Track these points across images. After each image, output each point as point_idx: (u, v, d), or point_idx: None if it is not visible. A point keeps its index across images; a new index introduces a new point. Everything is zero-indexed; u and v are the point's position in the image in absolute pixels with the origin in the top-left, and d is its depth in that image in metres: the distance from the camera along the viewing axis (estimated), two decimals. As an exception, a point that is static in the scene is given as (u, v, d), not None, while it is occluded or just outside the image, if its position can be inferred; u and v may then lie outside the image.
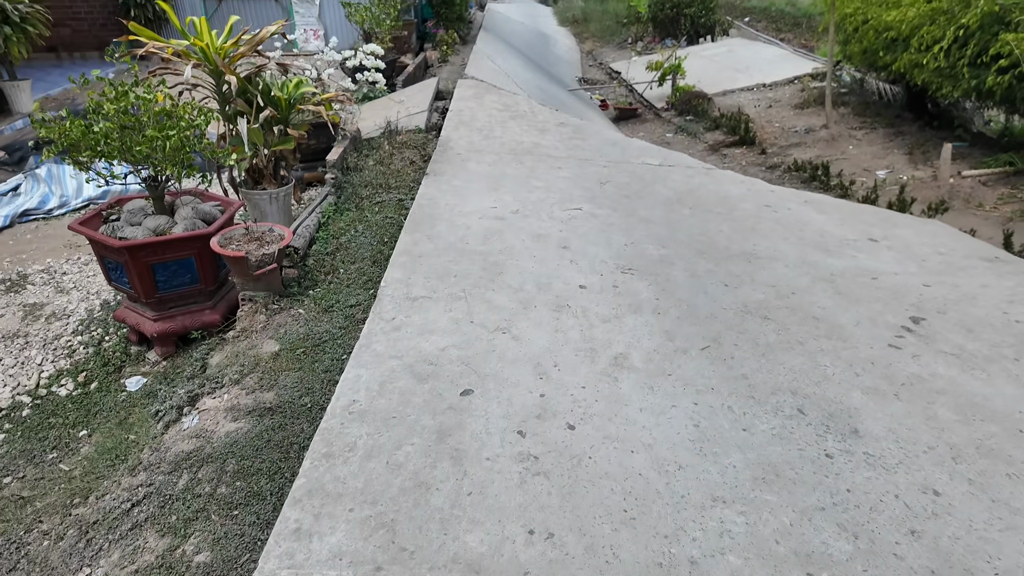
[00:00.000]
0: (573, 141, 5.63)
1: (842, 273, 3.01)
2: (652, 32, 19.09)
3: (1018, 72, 6.34)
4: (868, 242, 3.48)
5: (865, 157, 8.41)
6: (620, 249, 3.17)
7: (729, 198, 4.20)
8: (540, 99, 9.89)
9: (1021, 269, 3.21)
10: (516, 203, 3.82)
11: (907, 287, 2.90)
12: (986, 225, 6.05)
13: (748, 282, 2.84)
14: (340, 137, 5.15)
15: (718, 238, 3.40)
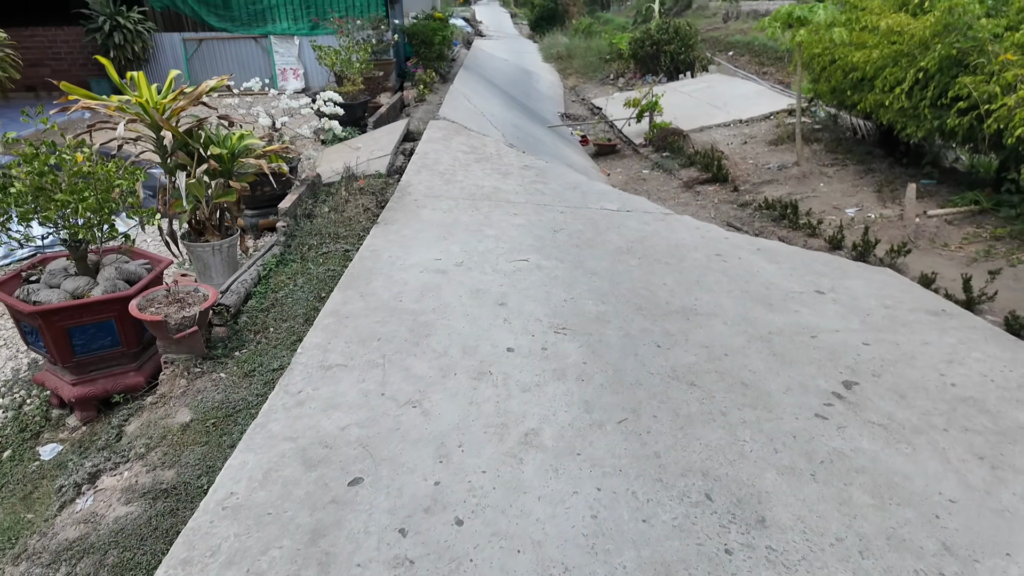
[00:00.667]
0: (535, 185, 5.62)
1: (781, 331, 2.95)
2: (633, 68, 19.43)
3: (977, 114, 6.42)
4: (814, 295, 3.43)
5: (835, 195, 8.45)
6: (559, 305, 3.11)
7: (681, 247, 4.16)
8: (516, 138, 9.96)
9: (966, 323, 3.16)
10: (463, 254, 3.76)
11: (846, 346, 2.83)
12: (950, 266, 6.04)
13: (682, 342, 2.77)
14: (297, 183, 5.11)
15: (660, 292, 3.35)
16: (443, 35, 12.81)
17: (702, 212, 8.75)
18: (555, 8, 31.83)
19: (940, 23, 6.64)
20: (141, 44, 10.96)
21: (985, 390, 2.48)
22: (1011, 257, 5.97)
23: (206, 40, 11.66)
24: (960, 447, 2.10)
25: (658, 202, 9.51)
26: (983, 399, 2.41)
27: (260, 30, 11.67)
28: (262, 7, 11.59)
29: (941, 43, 6.64)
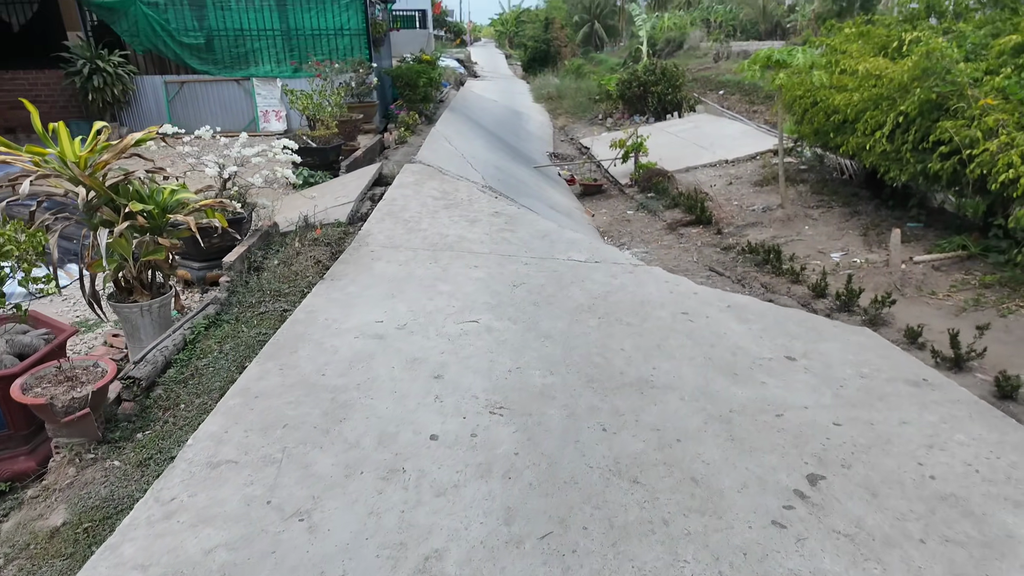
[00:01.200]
0: (502, 233, 5.39)
1: (744, 408, 2.67)
2: (621, 109, 19.54)
3: (960, 158, 6.25)
4: (784, 362, 3.16)
5: (820, 238, 8.25)
6: (501, 378, 2.82)
7: (646, 303, 3.90)
8: (496, 180, 9.81)
9: (949, 396, 2.88)
10: (408, 314, 3.50)
11: (814, 427, 2.55)
12: (938, 316, 5.78)
13: (631, 424, 2.48)
14: (248, 233, 4.88)
15: (616, 359, 3.07)
16: (428, 77, 12.81)
17: (685, 255, 8.53)
18: (547, 50, 32.38)
19: (918, 67, 6.53)
20: (121, 87, 10.89)
21: (969, 484, 2.19)
22: (1001, 306, 5.72)
23: (188, 83, 11.61)
24: (939, 566, 1.79)
25: (641, 244, 9.32)
26: (967, 496, 2.12)
27: (242, 72, 11.63)
28: (245, 50, 11.57)
29: (920, 87, 6.52)
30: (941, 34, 7.60)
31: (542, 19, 32.32)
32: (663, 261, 8.31)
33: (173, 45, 11.30)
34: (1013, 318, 5.54)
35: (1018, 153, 5.61)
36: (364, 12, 11.55)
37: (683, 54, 44.31)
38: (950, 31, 7.64)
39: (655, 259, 8.44)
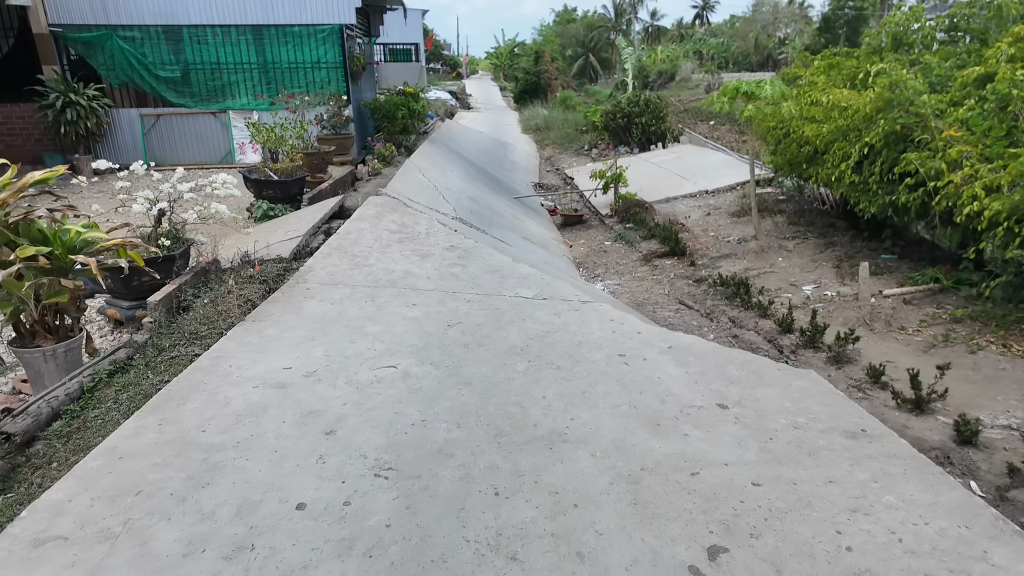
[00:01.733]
0: (453, 268, 5.22)
1: (658, 465, 2.45)
2: (607, 140, 19.63)
3: (926, 190, 6.14)
4: (715, 410, 2.95)
5: (794, 270, 8.10)
6: (401, 433, 2.62)
7: (584, 344, 3.71)
8: (468, 211, 9.71)
9: (886, 449, 2.67)
10: (323, 360, 3.30)
11: (730, 488, 2.33)
12: (906, 352, 5.59)
13: (529, 487, 2.27)
14: (182, 270, 4.70)
15: (535, 409, 2.86)
16: (408, 109, 12.82)
17: (657, 288, 8.37)
18: (537, 82, 32.78)
19: (881, 99, 6.46)
20: (95, 120, 10.87)
21: (888, 557, 1.97)
22: (971, 342, 5.53)
23: (164, 115, 11.60)
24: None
25: (615, 276, 9.17)
26: (883, 573, 1.90)
27: (219, 105, 11.64)
28: (222, 83, 11.59)
29: (884, 119, 6.44)
30: (908, 66, 7.57)
31: (520, 53, 32.78)
32: (634, 293, 8.15)
33: (149, 79, 11.32)
34: (983, 355, 5.34)
35: (981, 185, 5.48)
36: (341, 46, 11.60)
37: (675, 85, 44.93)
38: (917, 63, 7.61)
39: (626, 291, 8.28)
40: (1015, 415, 4.33)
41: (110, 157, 11.63)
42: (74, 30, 10.87)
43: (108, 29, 10.93)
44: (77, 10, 10.76)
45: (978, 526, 2.13)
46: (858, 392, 4.76)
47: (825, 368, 5.29)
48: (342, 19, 11.41)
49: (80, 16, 10.81)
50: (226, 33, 11.29)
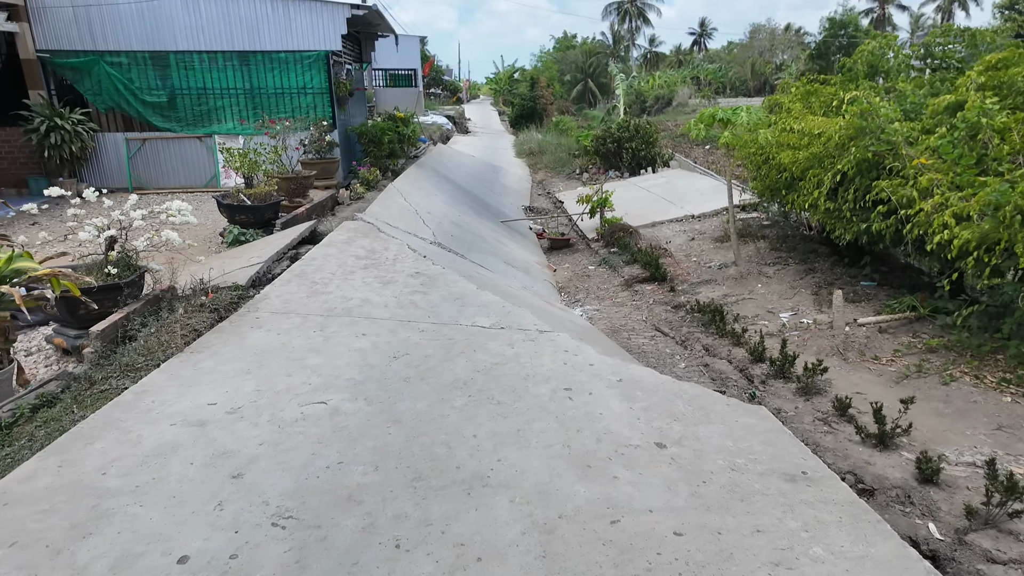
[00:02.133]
0: (413, 296, 5.13)
1: (577, 513, 2.33)
2: (598, 164, 19.70)
3: (898, 217, 6.06)
4: (652, 449, 2.83)
5: (772, 297, 7.99)
6: (313, 477, 2.50)
7: (531, 378, 3.60)
8: (449, 235, 9.65)
9: (824, 495, 2.54)
10: (252, 395, 3.19)
11: (650, 538, 2.21)
12: (878, 383, 5.46)
13: (435, 538, 2.15)
14: (133, 298, 4.62)
15: (461, 450, 2.75)
16: (394, 134, 12.86)
17: (635, 314, 8.27)
18: (533, 107, 33.10)
19: (851, 126, 6.43)
20: (80, 144, 10.90)
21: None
22: (944, 373, 5.40)
23: (150, 140, 11.64)
24: None
25: (595, 301, 9.06)
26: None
27: (204, 130, 11.69)
28: (208, 108, 11.66)
29: (855, 146, 6.40)
30: (882, 93, 7.57)
31: (520, 78, 33.21)
32: (612, 319, 8.05)
33: (136, 103, 11.38)
34: (956, 386, 5.21)
35: (951, 213, 5.41)
36: (327, 72, 11.68)
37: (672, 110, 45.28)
38: (892, 90, 7.61)
39: (605, 317, 8.18)
40: (981, 451, 4.18)
41: (95, 181, 11.66)
42: (62, 56, 10.96)
43: (95, 55, 11.02)
44: (65, 36, 10.87)
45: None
46: (824, 426, 4.63)
47: (794, 399, 5.16)
48: (328, 45, 11.51)
49: (68, 42, 10.90)
50: (213, 59, 11.38)
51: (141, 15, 10.87)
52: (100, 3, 10.75)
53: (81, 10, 10.71)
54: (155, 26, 10.96)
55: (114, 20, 10.84)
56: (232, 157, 7.76)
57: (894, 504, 3.64)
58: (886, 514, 3.53)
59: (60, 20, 10.72)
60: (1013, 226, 4.89)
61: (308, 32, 11.36)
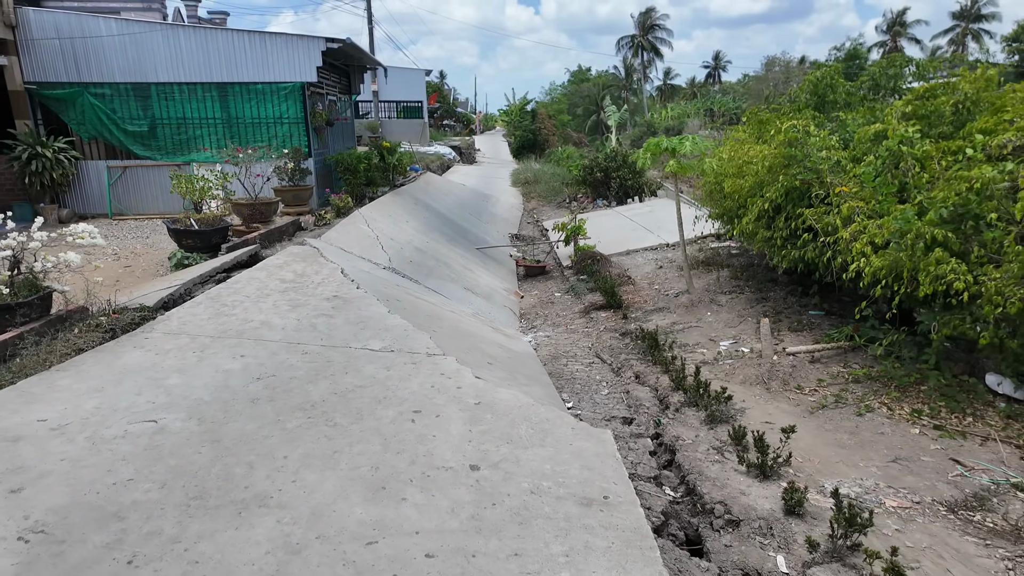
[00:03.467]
0: (316, 319, 5.17)
1: (339, 534, 2.29)
2: (587, 193, 19.81)
3: (821, 245, 6.00)
4: (463, 472, 2.79)
5: (718, 325, 7.89)
6: (93, 493, 2.50)
7: (386, 400, 3.58)
8: (408, 261, 9.73)
9: (608, 521, 2.47)
10: (88, 412, 3.23)
11: (394, 560, 2.16)
12: (792, 413, 5.33)
13: (174, 556, 2.12)
14: (33, 318, 4.71)
15: (260, 471, 2.74)
16: (369, 163, 13.10)
17: (583, 340, 8.22)
18: (534, 138, 33.51)
19: (779, 154, 6.41)
20: (61, 171, 11.27)
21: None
22: (861, 404, 5.27)
23: (131, 167, 11.99)
24: None
25: (550, 327, 9.03)
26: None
27: (183, 158, 12.01)
28: (187, 137, 12.00)
29: (783, 174, 6.38)
30: (824, 122, 7.56)
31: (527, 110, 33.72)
32: (557, 346, 8.00)
33: (118, 133, 11.76)
34: (869, 417, 5.07)
35: (866, 241, 5.33)
36: (302, 102, 11.99)
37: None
38: (834, 119, 7.60)
39: (552, 343, 8.13)
40: (864, 483, 4.04)
41: (77, 206, 12.02)
42: (48, 87, 11.42)
43: (80, 86, 11.45)
44: (51, 68, 11.33)
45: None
46: (716, 455, 4.51)
47: (699, 427, 5.06)
48: (304, 77, 11.84)
49: (54, 74, 11.36)
50: (192, 90, 11.76)
51: (124, 48, 11.31)
52: (85, 36, 11.22)
53: (67, 43, 11.18)
54: (137, 58, 11.39)
55: (98, 53, 11.28)
56: (179, 183, 7.96)
57: (755, 536, 3.52)
58: (745, 545, 3.43)
59: (47, 53, 11.19)
60: (916, 254, 4.81)
61: (284, 64, 11.70)
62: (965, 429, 4.73)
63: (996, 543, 3.30)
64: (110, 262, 8.24)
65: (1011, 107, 5.67)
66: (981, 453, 4.40)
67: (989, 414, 4.92)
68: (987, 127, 5.47)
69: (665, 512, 3.84)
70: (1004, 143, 4.93)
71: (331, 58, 13.37)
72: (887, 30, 59.57)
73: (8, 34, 10.97)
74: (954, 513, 3.64)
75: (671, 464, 4.67)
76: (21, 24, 11.04)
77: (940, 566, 3.13)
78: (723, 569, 3.29)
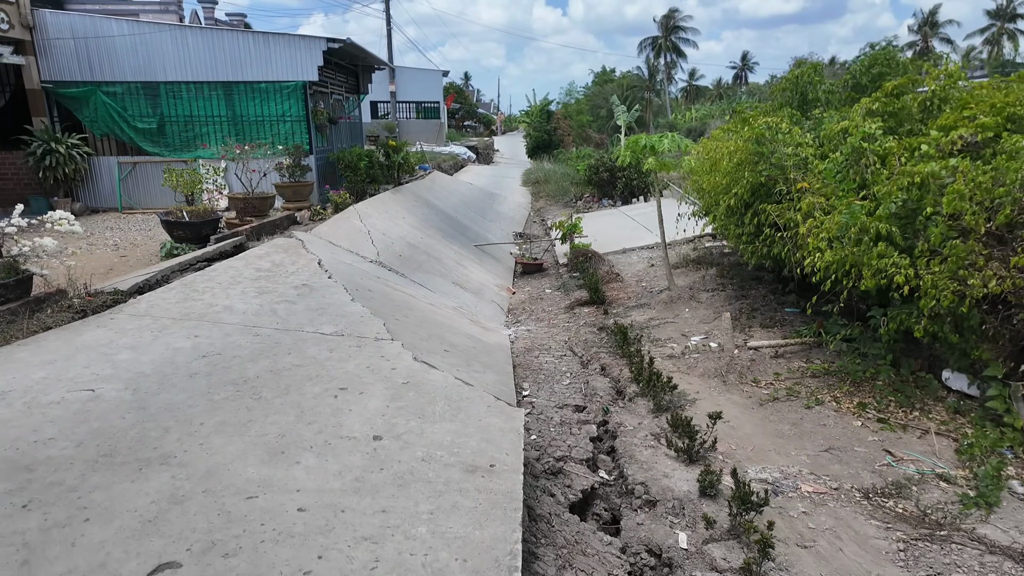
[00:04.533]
0: (278, 305, 5.39)
1: (224, 489, 2.47)
2: (593, 193, 19.86)
3: (782, 239, 6.03)
4: (365, 441, 2.95)
5: (694, 321, 7.94)
6: (12, 449, 2.73)
7: (317, 378, 3.77)
8: (397, 255, 9.95)
9: (484, 485, 2.60)
10: (34, 381, 3.47)
11: (267, 512, 2.32)
12: (742, 405, 5.39)
13: (65, 502, 2.33)
14: (11, 299, 5.02)
15: (173, 435, 2.93)
16: (374, 160, 13.38)
17: (561, 334, 8.34)
18: (549, 139, 33.61)
19: (745, 151, 6.46)
20: (73, 166, 11.76)
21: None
22: (812, 398, 5.31)
23: (140, 163, 12.44)
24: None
25: (533, 322, 9.17)
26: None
27: (190, 154, 12.41)
28: (194, 134, 12.41)
29: (749, 171, 6.42)
30: (802, 120, 7.58)
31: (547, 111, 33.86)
32: (534, 339, 8.14)
33: (128, 130, 12.20)
34: (818, 410, 5.11)
35: (821, 236, 5.36)
36: (304, 101, 12.31)
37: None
38: (812, 118, 7.60)
39: (529, 336, 8.27)
40: (788, 469, 4.11)
41: (90, 200, 12.52)
42: (63, 86, 11.92)
43: (93, 85, 11.93)
44: (67, 68, 11.83)
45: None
46: (652, 440, 4.61)
47: (644, 416, 5.16)
48: (306, 76, 12.15)
49: (69, 73, 11.86)
50: (199, 88, 12.16)
51: (135, 48, 11.75)
52: (98, 36, 11.69)
53: (81, 43, 11.66)
54: (147, 58, 11.82)
55: (111, 53, 11.75)
56: (171, 176, 8.29)
57: (668, 515, 3.63)
58: (655, 524, 3.55)
59: (63, 53, 11.69)
60: (860, 247, 4.84)
61: (287, 64, 12.03)
62: (908, 423, 4.75)
63: (898, 527, 3.35)
64: (108, 251, 8.62)
65: (975, 104, 5.64)
66: (917, 445, 4.43)
67: (937, 409, 4.93)
68: (947, 123, 5.46)
69: (585, 491, 3.98)
70: (955, 139, 4.93)
71: (336, 58, 13.69)
72: (918, 30, 58.32)
73: (26, 35, 11.49)
74: (868, 499, 3.69)
75: (614, 450, 4.79)
76: (38, 25, 11.55)
77: (834, 545, 3.20)
78: (628, 545, 3.42)
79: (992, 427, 4.49)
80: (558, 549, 2.96)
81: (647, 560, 3.26)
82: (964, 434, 4.45)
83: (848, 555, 3.12)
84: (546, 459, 4.19)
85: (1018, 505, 3.61)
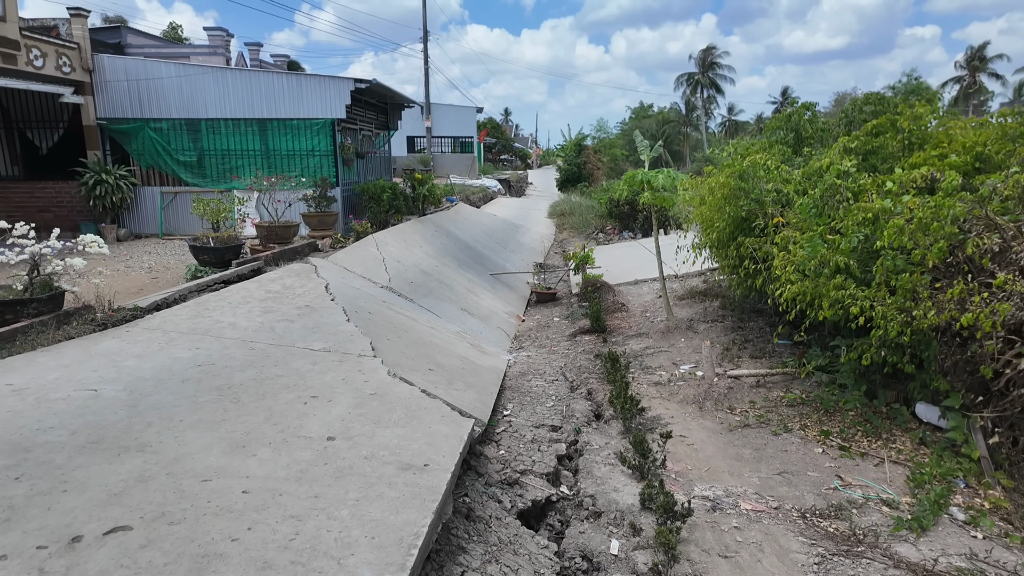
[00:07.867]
0: (278, 323, 5.86)
1: (185, 472, 2.86)
2: (615, 225, 20.18)
3: (755, 271, 6.24)
4: (319, 440, 3.32)
5: (687, 351, 8.13)
6: (17, 433, 3.19)
7: (294, 387, 4.17)
8: (408, 282, 10.42)
9: (413, 480, 2.92)
10: (48, 381, 3.96)
11: (215, 492, 2.70)
12: (711, 431, 5.57)
13: (49, 476, 2.75)
14: (45, 312, 5.61)
15: (155, 428, 3.35)
16: (395, 192, 14.04)
17: (558, 360, 8.62)
18: (579, 172, 34.19)
19: (727, 186, 6.73)
20: (120, 195, 12.74)
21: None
22: (780, 425, 5.45)
23: (180, 193, 13.37)
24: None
25: (535, 348, 9.48)
26: (224, 559, 2.21)
27: (226, 185, 13.28)
28: (230, 166, 13.30)
29: (730, 206, 6.69)
30: (792, 158, 7.81)
31: (575, 145, 34.56)
32: (531, 363, 8.44)
33: (171, 162, 13.17)
34: (785, 436, 5.26)
35: (791, 268, 5.56)
36: (332, 136, 13.09)
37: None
38: (800, 155, 7.82)
39: (528, 361, 8.58)
40: (734, 489, 4.28)
41: (134, 227, 13.48)
42: (115, 122, 13.00)
43: (142, 121, 12.98)
44: (119, 106, 12.92)
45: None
46: (614, 458, 4.83)
47: (613, 437, 5.39)
48: (334, 114, 12.95)
49: (121, 111, 12.95)
50: (236, 125, 13.09)
51: (180, 88, 12.78)
52: (149, 78, 12.76)
53: (133, 84, 12.75)
54: (191, 97, 12.83)
55: (159, 92, 12.80)
56: (199, 205, 8.99)
57: (609, 525, 3.86)
58: (596, 532, 3.78)
59: (116, 92, 12.79)
60: (820, 279, 5.04)
61: (317, 102, 12.87)
62: (868, 451, 4.85)
63: (822, 544, 3.51)
64: (142, 273, 9.35)
65: (947, 143, 5.82)
66: (872, 472, 4.54)
67: (902, 439, 5.02)
68: (916, 162, 5.65)
69: (537, 501, 4.23)
70: (916, 177, 5.12)
71: (365, 96, 14.52)
72: (966, 64, 57.40)
73: (86, 77, 12.65)
74: (804, 519, 3.84)
75: (580, 468, 5.02)
76: (97, 68, 12.70)
77: (755, 557, 3.38)
78: (565, 550, 3.66)
79: (950, 456, 4.57)
80: (489, 546, 3.23)
81: (580, 564, 3.49)
82: (919, 463, 4.54)
83: (765, 566, 3.30)
84: (507, 471, 4.47)
85: (953, 531, 3.71)
